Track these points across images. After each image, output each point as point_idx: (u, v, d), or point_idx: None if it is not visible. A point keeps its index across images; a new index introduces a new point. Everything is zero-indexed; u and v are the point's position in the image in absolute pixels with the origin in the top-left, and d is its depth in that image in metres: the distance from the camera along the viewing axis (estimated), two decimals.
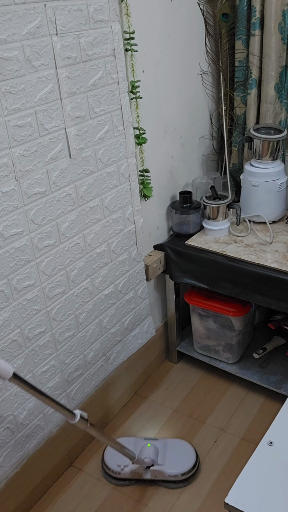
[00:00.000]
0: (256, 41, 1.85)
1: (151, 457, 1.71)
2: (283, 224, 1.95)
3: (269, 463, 1.00)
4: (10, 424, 1.50)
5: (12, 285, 1.37)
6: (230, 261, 1.78)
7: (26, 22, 1.20)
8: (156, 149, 1.84)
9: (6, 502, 1.57)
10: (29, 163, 1.31)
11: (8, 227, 1.31)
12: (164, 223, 2.01)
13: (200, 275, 1.87)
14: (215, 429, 1.93)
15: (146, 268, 1.92)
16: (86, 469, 1.82)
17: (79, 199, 1.52)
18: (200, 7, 1.85)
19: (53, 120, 1.35)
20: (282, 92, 1.91)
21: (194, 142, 2.06)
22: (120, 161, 1.63)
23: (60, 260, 1.51)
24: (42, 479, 1.71)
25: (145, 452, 1.72)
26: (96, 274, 1.68)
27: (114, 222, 1.69)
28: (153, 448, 1.75)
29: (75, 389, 1.73)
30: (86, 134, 1.47)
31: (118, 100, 1.55)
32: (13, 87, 1.21)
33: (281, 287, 1.68)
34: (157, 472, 1.70)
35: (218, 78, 2.03)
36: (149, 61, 1.67)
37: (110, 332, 1.83)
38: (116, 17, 1.45)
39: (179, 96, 1.88)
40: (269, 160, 1.87)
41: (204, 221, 1.93)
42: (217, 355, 2.11)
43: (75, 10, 1.31)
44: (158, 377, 2.21)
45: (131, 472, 1.70)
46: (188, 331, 2.25)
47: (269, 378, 2.00)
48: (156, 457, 1.72)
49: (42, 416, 1.61)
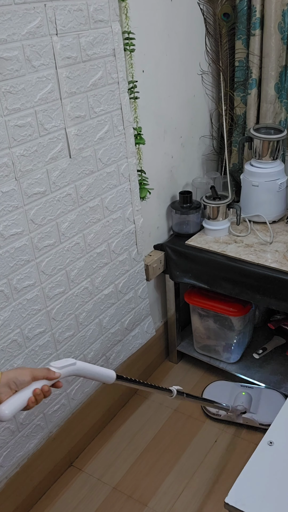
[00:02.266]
0: (256, 41, 1.85)
1: (245, 405, 1.85)
2: (283, 224, 1.95)
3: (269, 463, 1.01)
4: (10, 424, 1.50)
5: (12, 285, 1.37)
6: (230, 261, 1.78)
7: (26, 22, 1.20)
8: (156, 149, 1.83)
9: (6, 502, 1.57)
10: (29, 163, 1.31)
11: (8, 227, 1.31)
12: (164, 223, 2.01)
13: (200, 275, 1.87)
14: (215, 429, 1.93)
15: (146, 268, 1.92)
16: (86, 469, 1.82)
17: (79, 199, 1.52)
18: (200, 7, 1.85)
19: (53, 120, 1.35)
20: (282, 92, 1.91)
21: (194, 142, 2.06)
22: (120, 161, 1.63)
23: (60, 260, 1.51)
24: (42, 479, 1.71)
25: (239, 400, 1.88)
26: (96, 274, 1.68)
27: (114, 222, 1.69)
28: (248, 397, 1.89)
29: (75, 389, 1.73)
30: (86, 134, 1.47)
31: (118, 100, 1.55)
32: (13, 87, 1.21)
33: (281, 287, 1.68)
34: (248, 420, 1.85)
35: (218, 78, 2.03)
36: (149, 61, 1.67)
37: (110, 332, 1.83)
38: (116, 17, 1.45)
39: (179, 96, 1.88)
40: (269, 160, 1.87)
41: (204, 221, 1.92)
42: (217, 355, 2.11)
43: (75, 10, 1.31)
44: (158, 377, 2.21)
45: (226, 415, 1.87)
46: (188, 331, 2.25)
47: (269, 378, 2.00)
48: (249, 405, 1.87)
49: (42, 416, 1.61)
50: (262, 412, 1.86)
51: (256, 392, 1.93)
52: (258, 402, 1.89)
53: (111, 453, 1.87)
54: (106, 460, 1.84)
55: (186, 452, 1.85)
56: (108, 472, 1.80)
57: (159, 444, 1.89)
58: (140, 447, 1.88)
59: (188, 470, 1.78)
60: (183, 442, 1.89)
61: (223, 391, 1.93)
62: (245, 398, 1.88)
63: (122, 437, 1.93)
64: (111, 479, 1.77)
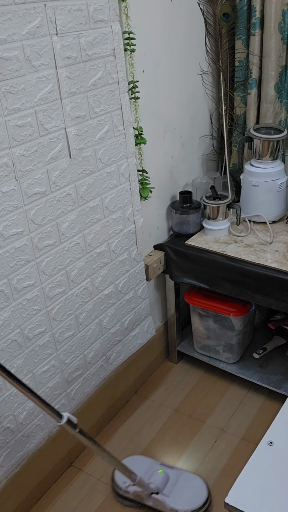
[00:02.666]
0: (256, 41, 1.85)
1: (157, 484, 1.59)
2: (283, 224, 1.95)
3: (269, 463, 1.00)
4: (10, 424, 1.50)
5: (12, 285, 1.37)
6: (230, 261, 1.78)
7: (26, 22, 1.20)
8: (156, 149, 1.83)
9: (6, 502, 1.57)
10: (29, 163, 1.31)
11: (8, 227, 1.31)
12: (164, 223, 2.01)
13: (200, 275, 1.87)
14: (215, 429, 1.93)
15: (146, 268, 1.92)
16: (86, 469, 1.82)
17: (79, 199, 1.52)
18: (200, 7, 1.85)
19: (53, 120, 1.35)
20: (282, 92, 1.91)
21: (194, 142, 2.06)
22: (120, 161, 1.63)
23: (60, 260, 1.51)
24: (42, 479, 1.71)
25: (153, 477, 1.62)
26: (96, 274, 1.68)
27: (114, 222, 1.69)
28: (164, 476, 1.63)
29: (75, 389, 1.73)
30: (86, 134, 1.47)
31: (118, 100, 1.55)
32: (13, 87, 1.21)
33: (281, 287, 1.68)
34: (158, 502, 1.58)
35: (218, 78, 2.03)
36: (149, 61, 1.67)
37: (110, 332, 1.83)
38: (116, 17, 1.45)
39: (179, 96, 1.88)
40: (269, 160, 1.87)
41: (204, 221, 1.92)
42: (217, 355, 2.11)
43: (75, 10, 1.31)
44: (158, 377, 2.21)
45: (134, 493, 1.61)
46: (188, 331, 2.25)
47: (269, 378, 2.00)
48: (163, 485, 1.61)
49: (42, 416, 1.61)
50: (175, 496, 1.58)
51: (175, 473, 1.67)
52: (174, 484, 1.62)
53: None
54: None
55: (186, 452, 1.85)
56: (108, 472, 1.80)
57: (159, 444, 1.89)
58: (140, 447, 1.88)
59: (188, 470, 1.78)
60: (183, 442, 1.89)
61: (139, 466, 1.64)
62: (160, 477, 1.61)
63: (122, 437, 1.93)
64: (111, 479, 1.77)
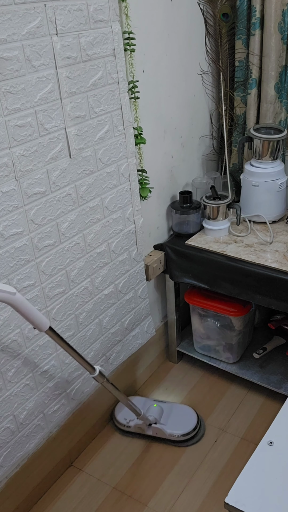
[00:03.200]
0: (256, 41, 1.85)
1: (155, 416, 1.87)
2: (283, 224, 1.95)
3: (269, 463, 1.00)
4: (10, 424, 1.50)
5: (12, 285, 1.37)
6: (230, 261, 1.78)
7: (26, 22, 1.20)
8: (156, 149, 1.83)
9: (6, 502, 1.57)
10: (29, 163, 1.31)
11: (8, 227, 1.31)
12: (164, 223, 2.01)
13: (200, 275, 1.87)
14: (215, 429, 1.93)
15: (146, 268, 1.92)
16: (86, 469, 1.82)
17: (79, 199, 1.52)
18: (200, 7, 1.85)
19: (53, 120, 1.35)
20: (282, 92, 1.91)
21: (194, 142, 2.06)
22: (120, 161, 1.63)
23: (60, 260, 1.51)
24: (42, 479, 1.71)
25: (150, 411, 1.89)
26: (96, 274, 1.68)
27: (114, 222, 1.69)
28: (159, 409, 1.91)
29: (75, 389, 1.73)
30: (86, 134, 1.47)
31: (118, 100, 1.55)
32: (13, 87, 1.21)
33: (281, 287, 1.68)
34: (157, 430, 1.86)
35: (218, 78, 2.03)
36: (149, 61, 1.67)
37: (110, 332, 1.83)
38: (116, 17, 1.45)
39: (179, 96, 1.88)
40: (269, 160, 1.87)
41: (204, 221, 1.92)
42: (217, 355, 2.11)
43: (75, 10, 1.31)
44: (158, 377, 2.21)
45: (136, 426, 1.88)
46: (188, 331, 2.25)
47: (269, 378, 2.00)
48: (159, 416, 1.88)
49: (42, 416, 1.61)
50: (171, 424, 1.87)
51: (167, 406, 1.95)
52: (169, 415, 1.91)
53: (111, 453, 1.87)
54: (106, 460, 1.84)
55: (186, 452, 1.85)
56: (108, 472, 1.80)
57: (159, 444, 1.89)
58: (140, 447, 1.88)
59: (188, 470, 1.78)
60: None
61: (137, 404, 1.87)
62: (156, 410, 1.90)
63: (122, 437, 1.93)
64: (111, 479, 1.77)
